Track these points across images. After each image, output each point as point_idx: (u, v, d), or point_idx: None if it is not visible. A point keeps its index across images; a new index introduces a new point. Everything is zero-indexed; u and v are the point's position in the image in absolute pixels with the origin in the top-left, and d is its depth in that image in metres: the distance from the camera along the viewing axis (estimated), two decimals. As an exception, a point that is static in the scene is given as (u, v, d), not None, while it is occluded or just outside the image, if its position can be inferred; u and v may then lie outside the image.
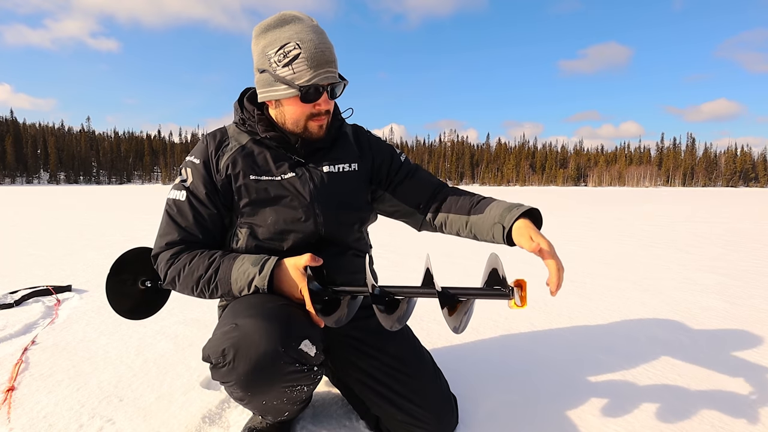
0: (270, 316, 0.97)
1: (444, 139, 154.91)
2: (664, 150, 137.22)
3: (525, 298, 0.92)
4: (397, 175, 1.30)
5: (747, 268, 3.75)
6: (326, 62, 1.05)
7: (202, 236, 1.14)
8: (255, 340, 0.93)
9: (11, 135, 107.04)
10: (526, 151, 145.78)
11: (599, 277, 3.33)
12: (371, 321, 1.29)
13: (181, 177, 1.17)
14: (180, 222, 1.13)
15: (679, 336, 2.06)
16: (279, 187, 1.15)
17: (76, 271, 3.38)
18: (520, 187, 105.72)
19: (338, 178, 1.21)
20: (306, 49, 1.04)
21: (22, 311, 2.30)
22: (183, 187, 1.15)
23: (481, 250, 4.55)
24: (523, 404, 1.41)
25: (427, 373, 1.22)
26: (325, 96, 1.09)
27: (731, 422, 1.30)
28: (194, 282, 1.08)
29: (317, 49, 1.04)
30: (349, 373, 1.23)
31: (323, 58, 1.05)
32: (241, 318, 0.98)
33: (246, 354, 0.93)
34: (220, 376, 0.97)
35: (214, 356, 0.97)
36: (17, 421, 1.27)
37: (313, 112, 1.11)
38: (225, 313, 1.10)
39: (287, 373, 0.97)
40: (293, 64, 1.04)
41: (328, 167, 1.20)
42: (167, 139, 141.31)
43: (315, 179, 1.17)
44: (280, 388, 0.99)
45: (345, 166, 1.23)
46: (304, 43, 1.04)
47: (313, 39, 1.04)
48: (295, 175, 1.16)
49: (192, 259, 1.10)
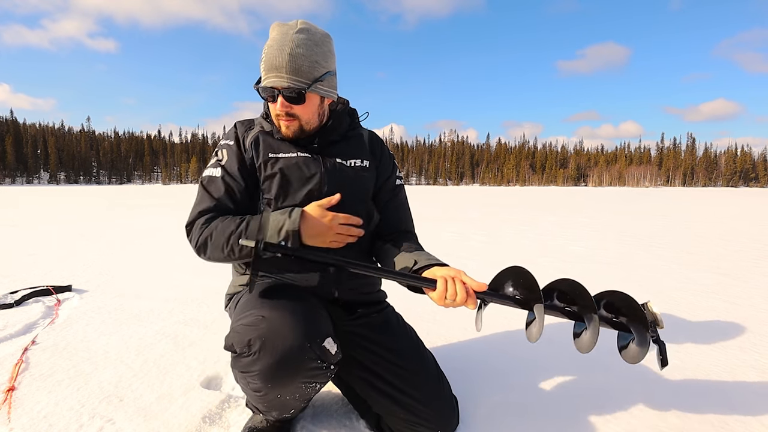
0: (296, 311, 1.02)
1: (444, 139, 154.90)
2: (664, 150, 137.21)
3: None
4: (384, 194, 1.36)
5: (747, 268, 3.74)
6: (274, 67, 1.11)
7: (233, 206, 1.21)
8: (283, 333, 0.97)
9: (11, 135, 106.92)
10: (526, 151, 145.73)
11: (599, 277, 3.33)
12: (375, 318, 1.30)
13: (217, 157, 1.26)
14: (214, 194, 1.21)
15: (679, 336, 2.06)
16: (293, 164, 1.22)
17: (76, 271, 3.38)
18: (520, 187, 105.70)
19: (348, 170, 1.27)
20: (265, 53, 1.13)
21: (22, 311, 2.30)
22: (219, 165, 1.24)
23: (482, 250, 4.55)
24: (523, 404, 1.41)
25: (430, 371, 1.23)
26: (281, 99, 1.14)
27: (731, 422, 1.30)
28: (225, 239, 1.11)
29: (271, 54, 1.11)
30: (351, 370, 1.24)
31: (272, 63, 1.11)
32: (267, 310, 1.02)
33: (272, 346, 0.96)
34: (243, 366, 1.00)
35: (238, 346, 0.99)
36: (17, 421, 1.27)
37: (276, 113, 1.18)
38: (244, 304, 1.13)
39: (309, 369, 0.99)
40: (261, 66, 1.15)
41: (339, 160, 1.27)
42: (167, 139, 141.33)
43: (327, 165, 1.24)
44: (299, 382, 1.01)
45: (356, 162, 1.29)
46: (268, 48, 1.13)
47: (273, 45, 1.11)
48: (310, 156, 1.24)
49: (224, 221, 1.15)
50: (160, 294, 2.72)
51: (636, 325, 1.03)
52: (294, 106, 1.15)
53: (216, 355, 1.76)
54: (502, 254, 4.33)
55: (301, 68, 1.11)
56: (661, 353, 1.03)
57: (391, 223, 1.36)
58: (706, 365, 1.72)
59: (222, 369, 1.64)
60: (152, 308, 2.41)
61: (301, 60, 1.11)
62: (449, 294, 1.01)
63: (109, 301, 2.56)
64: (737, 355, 1.83)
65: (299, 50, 1.11)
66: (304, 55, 1.11)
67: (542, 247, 4.83)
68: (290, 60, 1.10)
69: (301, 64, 1.11)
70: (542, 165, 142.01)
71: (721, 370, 1.68)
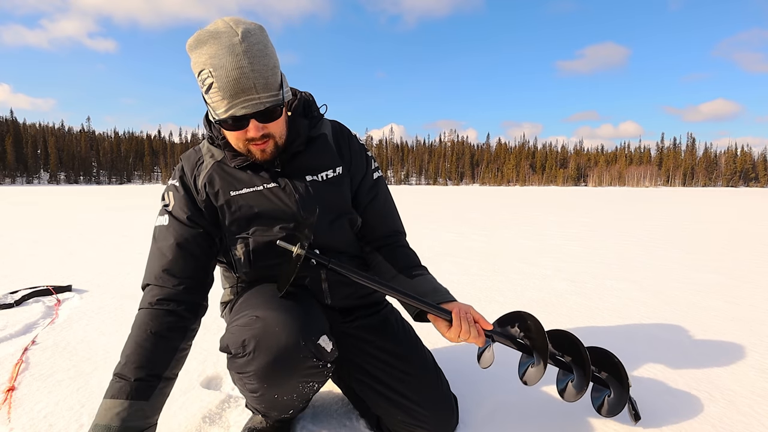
0: (290, 310, 1.01)
1: (444, 139, 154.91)
2: (664, 150, 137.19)
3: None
4: (362, 196, 1.25)
5: (747, 267, 3.74)
6: (242, 90, 0.93)
7: (186, 261, 1.09)
8: (276, 332, 0.96)
9: (11, 135, 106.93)
10: (526, 151, 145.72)
11: (599, 277, 3.33)
12: (372, 319, 1.29)
13: (164, 202, 1.15)
14: (165, 252, 1.09)
15: (679, 336, 2.05)
16: (263, 198, 1.11)
17: (76, 271, 3.38)
18: (520, 186, 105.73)
19: (322, 187, 1.16)
20: (218, 77, 0.93)
21: (22, 311, 2.30)
22: (166, 211, 1.13)
23: (482, 250, 4.55)
24: (523, 404, 1.41)
25: (428, 372, 1.22)
26: (254, 123, 0.99)
27: (731, 422, 1.30)
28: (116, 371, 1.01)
29: (229, 76, 0.92)
30: (350, 371, 1.23)
31: (237, 86, 0.93)
32: (261, 311, 1.01)
33: (267, 345, 0.95)
34: (238, 367, 0.99)
35: (233, 347, 0.99)
36: (17, 421, 1.27)
37: (247, 138, 1.02)
38: (240, 306, 1.13)
39: (305, 368, 0.99)
40: (210, 93, 0.96)
41: (310, 177, 1.15)
42: (167, 139, 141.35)
43: (300, 189, 1.13)
44: (295, 381, 1.00)
45: (328, 173, 1.17)
46: (217, 70, 0.92)
47: (226, 64, 0.91)
48: (278, 186, 1.12)
49: (134, 338, 1.03)
50: (160, 294, 2.71)
51: (614, 384, 1.26)
52: (269, 124, 1.01)
53: (216, 355, 1.76)
54: (502, 254, 4.33)
55: (269, 81, 0.96)
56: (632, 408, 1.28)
57: (376, 227, 1.27)
58: (707, 365, 1.72)
59: (222, 369, 1.64)
60: (152, 308, 2.41)
61: (265, 71, 0.95)
62: (463, 332, 1.03)
63: (109, 301, 2.56)
64: (737, 355, 1.83)
65: (258, 60, 0.93)
66: (265, 65, 0.95)
67: (542, 247, 4.83)
68: (256, 76, 0.93)
69: (268, 77, 0.95)
70: (542, 165, 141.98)
71: (721, 370, 1.67)
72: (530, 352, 1.17)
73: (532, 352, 1.16)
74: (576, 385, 1.18)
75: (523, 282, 3.16)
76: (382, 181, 1.31)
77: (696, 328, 2.17)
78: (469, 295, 2.80)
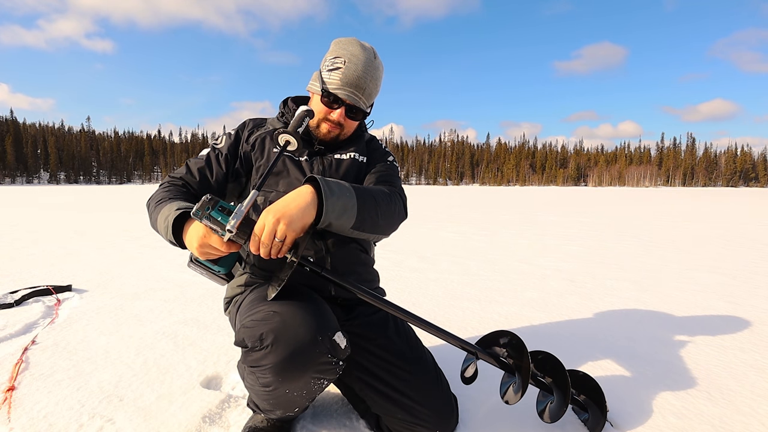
0: (305, 306, 1.04)
1: (444, 139, 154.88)
2: (664, 150, 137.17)
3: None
4: (372, 174, 1.35)
5: (747, 267, 3.75)
6: (354, 84, 1.21)
7: (202, 181, 1.27)
8: (294, 326, 0.99)
9: (11, 135, 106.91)
10: (526, 151, 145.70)
11: (599, 277, 3.33)
12: (373, 317, 1.30)
13: (215, 141, 1.35)
14: (191, 166, 1.28)
15: (679, 336, 2.06)
16: (294, 164, 1.28)
17: (76, 271, 3.38)
18: (520, 186, 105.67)
19: (345, 164, 1.32)
20: (348, 67, 1.21)
21: (22, 311, 2.30)
22: (213, 146, 1.33)
23: (482, 250, 4.55)
24: (523, 404, 1.41)
25: (428, 371, 1.23)
26: (342, 110, 1.24)
27: (731, 422, 1.30)
28: (150, 216, 1.17)
29: (357, 71, 1.21)
30: (350, 370, 1.24)
31: (354, 81, 1.21)
32: (277, 306, 1.04)
33: (285, 339, 0.97)
34: (254, 360, 1.00)
35: (250, 340, 1.00)
36: (17, 421, 1.27)
37: (327, 116, 1.26)
38: (251, 303, 1.14)
39: (319, 363, 1.00)
40: (332, 73, 1.22)
41: (339, 155, 1.33)
42: (167, 139, 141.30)
43: (324, 163, 1.30)
44: (308, 377, 1.01)
45: (355, 155, 1.34)
46: (350, 63, 1.21)
47: (357, 63, 1.21)
48: (308, 161, 1.30)
49: (167, 192, 1.19)
50: (160, 294, 2.72)
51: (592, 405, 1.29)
52: (348, 119, 1.26)
53: (216, 355, 1.76)
54: (502, 254, 4.33)
55: (371, 93, 1.26)
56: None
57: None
58: (706, 365, 1.72)
59: (222, 369, 1.64)
60: (152, 308, 2.41)
61: (373, 86, 1.25)
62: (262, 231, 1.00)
63: (109, 301, 2.56)
64: (737, 355, 1.83)
65: (376, 77, 1.25)
66: (376, 83, 1.26)
67: (542, 247, 4.83)
68: (369, 84, 1.23)
69: (372, 90, 1.26)
70: (542, 165, 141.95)
71: (721, 370, 1.68)
72: (513, 372, 1.21)
73: (514, 372, 1.20)
74: (554, 407, 1.21)
75: (523, 282, 3.17)
76: (394, 167, 1.41)
77: (696, 328, 2.17)
78: (469, 294, 2.80)
